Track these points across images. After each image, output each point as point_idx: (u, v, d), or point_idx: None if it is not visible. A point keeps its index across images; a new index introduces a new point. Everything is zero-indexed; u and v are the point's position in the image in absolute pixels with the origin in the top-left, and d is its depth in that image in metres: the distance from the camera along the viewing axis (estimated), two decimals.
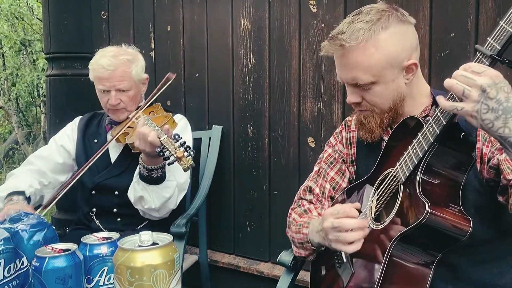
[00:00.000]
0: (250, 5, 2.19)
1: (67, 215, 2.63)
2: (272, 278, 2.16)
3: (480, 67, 0.89)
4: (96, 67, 1.83)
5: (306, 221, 1.32)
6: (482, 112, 0.86)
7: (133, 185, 1.77)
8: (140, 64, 1.90)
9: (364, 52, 1.13)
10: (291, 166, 2.15)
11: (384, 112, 1.21)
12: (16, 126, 6.93)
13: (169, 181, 1.76)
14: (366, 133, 1.25)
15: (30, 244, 1.10)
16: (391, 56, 1.14)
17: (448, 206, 1.03)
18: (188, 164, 1.50)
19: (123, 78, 1.83)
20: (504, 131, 0.86)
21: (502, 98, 0.85)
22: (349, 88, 1.21)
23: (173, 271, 0.88)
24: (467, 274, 1.16)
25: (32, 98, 7.50)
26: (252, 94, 2.23)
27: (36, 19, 6.83)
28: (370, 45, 1.13)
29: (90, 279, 1.01)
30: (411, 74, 1.18)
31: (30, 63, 7.24)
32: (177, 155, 1.50)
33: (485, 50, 0.90)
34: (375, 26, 1.13)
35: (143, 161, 1.70)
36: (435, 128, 0.99)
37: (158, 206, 1.74)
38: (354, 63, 1.15)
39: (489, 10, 1.65)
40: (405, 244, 1.05)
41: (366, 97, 1.19)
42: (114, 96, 1.82)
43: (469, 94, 0.87)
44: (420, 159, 1.03)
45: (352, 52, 1.13)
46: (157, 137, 1.57)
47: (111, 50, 1.87)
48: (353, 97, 1.21)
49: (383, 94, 1.18)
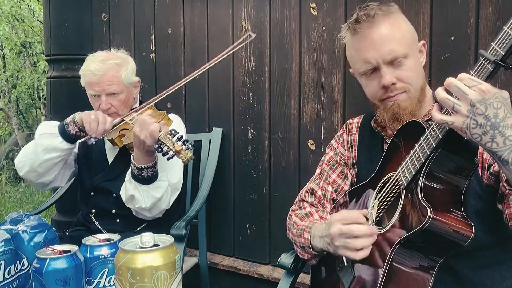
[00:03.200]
0: (250, 8, 2.20)
1: (67, 217, 2.63)
2: (272, 280, 2.16)
3: (471, 81, 0.89)
4: (86, 72, 1.85)
5: (307, 225, 1.31)
6: (471, 127, 0.89)
7: (125, 184, 1.78)
8: (129, 67, 1.91)
9: (394, 23, 1.20)
10: (291, 169, 2.15)
11: (418, 92, 1.22)
12: (16, 128, 6.93)
13: (161, 181, 1.76)
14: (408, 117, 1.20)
15: (31, 246, 1.11)
16: (412, 31, 1.25)
17: (450, 211, 1.02)
18: (187, 156, 1.51)
19: (112, 82, 1.84)
20: (492, 146, 0.89)
21: (490, 115, 0.87)
22: (384, 68, 1.19)
23: (174, 272, 0.88)
24: (468, 278, 1.15)
25: (32, 100, 7.51)
26: (253, 96, 2.23)
27: (37, 21, 6.84)
28: (394, 19, 1.21)
29: (90, 281, 1.01)
30: (423, 56, 1.28)
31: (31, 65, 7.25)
32: (175, 149, 1.52)
33: (489, 55, 0.90)
34: (390, 7, 1.23)
35: (134, 160, 1.70)
36: (437, 133, 0.98)
37: (148, 206, 1.74)
38: (386, 35, 1.18)
39: (489, 13, 1.65)
40: (407, 249, 1.04)
41: (401, 76, 1.20)
42: (105, 101, 1.84)
43: (459, 109, 0.89)
44: (422, 164, 1.02)
45: (381, 24, 1.19)
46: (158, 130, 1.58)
47: (100, 55, 1.89)
48: (390, 76, 1.19)
49: (416, 68, 1.22)
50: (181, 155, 1.51)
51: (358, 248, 1.08)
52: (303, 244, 1.30)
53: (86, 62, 1.89)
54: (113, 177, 1.89)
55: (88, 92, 1.89)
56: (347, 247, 1.10)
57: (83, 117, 1.74)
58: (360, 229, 1.09)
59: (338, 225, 1.12)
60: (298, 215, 1.40)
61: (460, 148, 1.00)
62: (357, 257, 1.09)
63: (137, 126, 1.63)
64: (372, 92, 1.25)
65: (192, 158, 1.53)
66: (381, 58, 1.19)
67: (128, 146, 1.76)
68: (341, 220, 1.12)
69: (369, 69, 1.22)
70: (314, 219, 1.35)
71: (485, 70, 0.91)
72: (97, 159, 1.94)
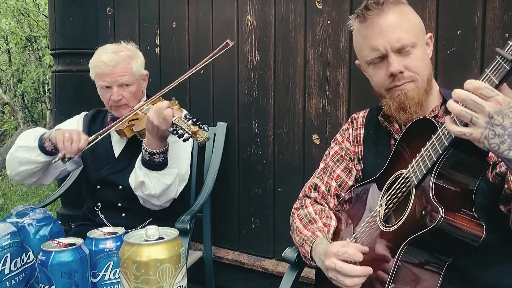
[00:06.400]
0: (255, 2, 2.19)
1: (73, 211, 2.64)
2: (277, 274, 2.17)
3: (490, 91, 0.88)
4: (98, 63, 1.85)
5: (309, 236, 1.30)
6: (489, 137, 0.89)
7: (135, 170, 1.78)
8: (140, 60, 1.93)
9: (402, 12, 1.21)
10: (295, 163, 2.15)
11: (424, 83, 1.22)
12: (22, 122, 6.97)
13: (171, 168, 1.76)
14: (415, 108, 1.20)
15: (37, 239, 1.12)
16: (421, 23, 1.26)
17: (460, 211, 1.01)
18: (204, 137, 1.53)
19: (124, 73, 1.85)
20: (509, 153, 0.90)
21: (507, 124, 0.88)
22: (392, 56, 1.19)
23: (179, 265, 0.88)
24: (474, 276, 1.15)
25: (37, 94, 7.53)
26: (257, 90, 2.23)
27: (42, 15, 6.85)
28: (402, 9, 1.22)
29: (95, 274, 1.02)
30: (430, 48, 1.28)
31: (36, 60, 7.27)
32: (192, 131, 1.53)
33: (507, 55, 0.89)
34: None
35: (146, 144, 1.70)
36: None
37: (158, 193, 1.75)
38: (396, 23, 1.19)
39: (496, 7, 1.64)
40: (416, 248, 1.03)
41: (409, 64, 1.19)
42: (116, 92, 1.84)
43: (477, 121, 0.89)
44: (434, 163, 1.01)
45: (390, 12, 1.20)
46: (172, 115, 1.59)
47: (110, 47, 1.90)
48: (398, 64, 1.19)
49: (423, 58, 1.22)
50: (198, 135, 1.53)
51: (348, 286, 1.08)
52: (304, 254, 1.31)
53: (96, 54, 1.89)
54: (119, 170, 1.89)
55: (99, 84, 1.88)
56: (338, 281, 1.10)
57: (56, 135, 1.71)
58: (354, 270, 1.08)
59: (333, 259, 1.11)
60: (301, 219, 1.38)
61: (473, 147, 0.98)
62: None
63: (151, 112, 1.64)
64: (379, 81, 1.24)
65: (208, 139, 1.56)
66: (389, 45, 1.18)
67: (140, 133, 1.77)
68: (337, 255, 1.12)
69: (377, 57, 1.21)
70: (318, 228, 1.32)
71: (501, 69, 0.90)
72: (103, 153, 1.94)
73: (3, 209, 4.42)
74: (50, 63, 6.47)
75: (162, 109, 1.59)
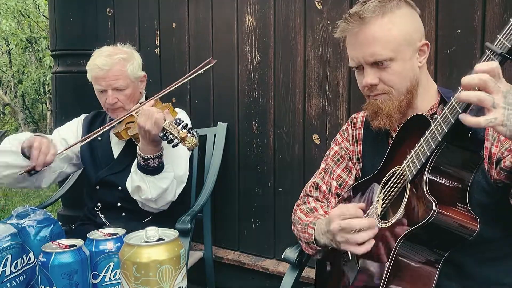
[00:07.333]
0: (255, 2, 2.19)
1: (73, 212, 2.64)
2: (277, 274, 2.17)
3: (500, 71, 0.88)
4: (92, 67, 1.86)
5: (311, 221, 1.32)
6: (510, 117, 0.86)
7: (131, 175, 1.79)
8: (136, 62, 1.92)
9: (381, 26, 1.16)
10: (296, 163, 2.15)
11: (402, 95, 1.20)
12: (23, 123, 6.98)
13: (167, 172, 1.76)
14: (384, 119, 1.22)
15: (37, 240, 1.11)
16: (407, 33, 1.18)
17: (455, 205, 1.02)
18: (192, 143, 1.54)
19: (118, 77, 1.85)
20: None
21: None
22: (367, 69, 1.20)
23: (179, 266, 0.88)
24: (472, 272, 1.15)
25: (38, 95, 7.55)
26: (257, 91, 2.23)
27: (43, 17, 6.86)
28: (387, 20, 1.16)
29: (96, 275, 1.02)
30: (423, 57, 1.22)
31: (37, 61, 7.28)
32: (180, 136, 1.54)
33: (495, 48, 0.89)
34: (389, 4, 1.18)
35: (140, 150, 1.71)
36: (443, 126, 0.98)
37: (154, 197, 1.75)
38: (372, 37, 1.16)
39: (496, 6, 1.64)
40: (411, 242, 1.04)
41: (384, 78, 1.19)
42: (111, 95, 1.85)
43: (498, 103, 0.86)
44: (427, 158, 1.01)
45: (370, 26, 1.16)
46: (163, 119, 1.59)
47: (106, 50, 1.90)
48: (371, 78, 1.19)
49: (401, 72, 1.19)
50: (186, 141, 1.53)
51: (360, 242, 1.08)
52: (307, 239, 1.31)
53: (92, 57, 1.89)
54: (119, 171, 1.90)
55: (95, 87, 1.90)
56: (349, 242, 1.09)
57: (32, 142, 1.67)
58: (360, 222, 1.09)
59: (337, 220, 1.11)
60: (303, 210, 1.40)
61: (466, 141, 0.99)
62: (360, 251, 1.08)
63: (141, 117, 1.64)
64: (360, 87, 1.27)
65: (196, 145, 1.56)
66: (363, 59, 1.19)
67: (134, 137, 1.77)
68: (339, 215, 1.12)
69: (355, 66, 1.24)
70: (319, 214, 1.35)
71: None
72: (102, 154, 1.95)
73: (4, 210, 4.42)
74: (50, 64, 6.47)
75: (153, 114, 1.59)
